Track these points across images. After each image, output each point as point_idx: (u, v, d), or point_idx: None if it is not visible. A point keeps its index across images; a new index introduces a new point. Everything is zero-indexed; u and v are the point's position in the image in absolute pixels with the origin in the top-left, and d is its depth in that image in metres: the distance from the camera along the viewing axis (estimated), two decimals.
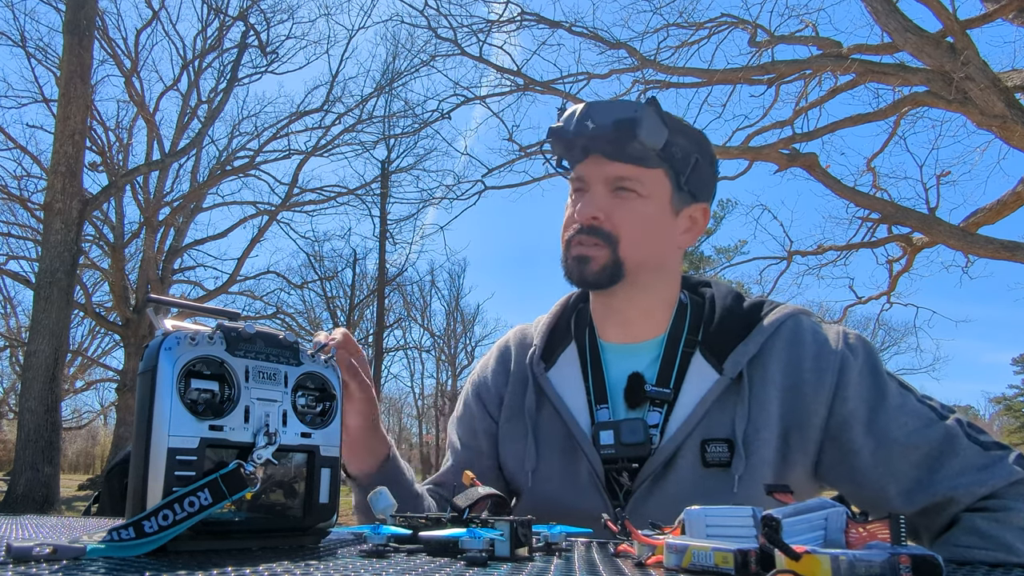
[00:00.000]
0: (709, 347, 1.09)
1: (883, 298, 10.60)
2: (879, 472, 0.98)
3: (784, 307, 1.12)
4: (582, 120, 1.07)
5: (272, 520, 0.64)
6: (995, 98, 6.68)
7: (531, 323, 1.31)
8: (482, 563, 0.54)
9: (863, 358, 1.04)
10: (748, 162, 9.28)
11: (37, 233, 13.91)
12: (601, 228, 1.08)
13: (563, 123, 1.10)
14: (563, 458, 1.11)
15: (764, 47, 8.93)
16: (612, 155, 1.07)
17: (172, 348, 0.60)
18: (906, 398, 1.01)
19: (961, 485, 0.93)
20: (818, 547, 0.43)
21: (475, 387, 1.28)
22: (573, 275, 1.11)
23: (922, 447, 0.97)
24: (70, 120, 9.16)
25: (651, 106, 1.05)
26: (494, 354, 1.30)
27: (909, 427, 0.98)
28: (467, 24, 10.83)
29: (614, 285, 1.09)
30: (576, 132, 1.07)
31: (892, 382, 1.03)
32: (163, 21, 15.60)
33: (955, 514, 0.94)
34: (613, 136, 1.05)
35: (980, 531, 0.90)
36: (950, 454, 0.95)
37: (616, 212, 1.08)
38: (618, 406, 1.11)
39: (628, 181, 1.08)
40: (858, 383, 1.01)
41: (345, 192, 16.72)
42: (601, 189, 1.09)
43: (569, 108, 1.12)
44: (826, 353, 1.04)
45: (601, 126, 1.05)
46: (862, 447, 0.99)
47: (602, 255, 1.08)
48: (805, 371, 1.03)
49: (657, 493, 1.03)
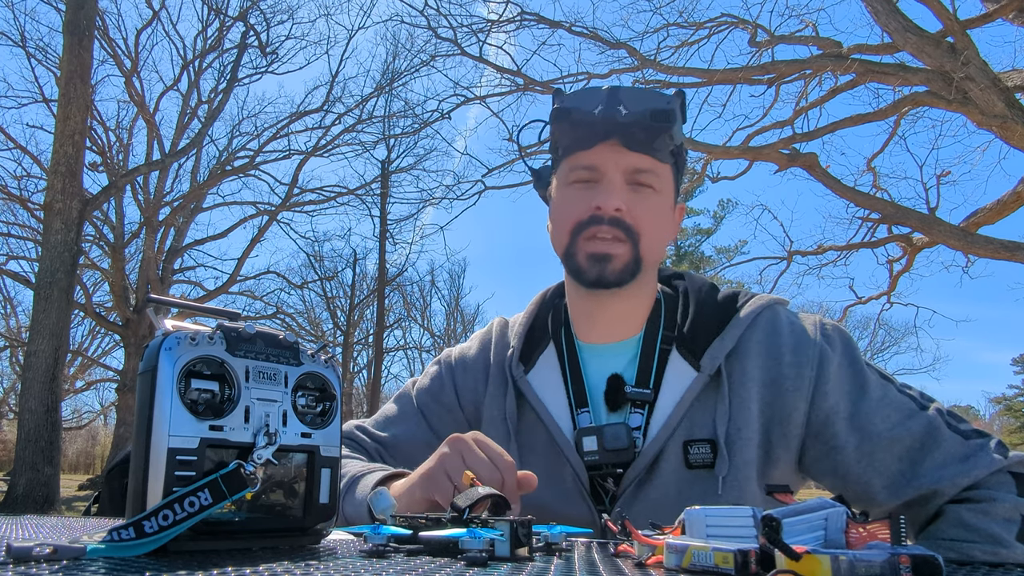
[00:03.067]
0: (685, 344, 1.05)
1: (883, 298, 10.61)
2: (863, 466, 0.97)
3: (759, 298, 1.08)
4: (612, 104, 0.99)
5: (272, 520, 0.64)
6: (995, 98, 6.69)
7: (511, 318, 1.25)
8: (482, 563, 0.54)
9: (841, 350, 1.02)
10: (748, 162, 9.29)
11: (37, 233, 13.90)
12: (623, 221, 1.01)
13: (582, 103, 1.02)
14: (546, 464, 1.06)
15: (764, 47, 8.93)
16: (635, 145, 1.00)
17: (172, 348, 0.60)
18: (887, 389, 0.99)
19: (945, 477, 0.92)
20: (818, 547, 0.43)
21: (451, 369, 1.23)
22: (589, 274, 1.03)
23: (905, 440, 0.96)
24: (70, 120, 9.15)
25: (679, 98, 1.02)
26: (475, 345, 1.24)
27: (892, 420, 0.97)
28: (467, 24, 10.84)
29: (628, 284, 1.04)
30: (605, 116, 1.00)
31: (872, 373, 1.01)
32: (163, 21, 15.58)
33: (939, 506, 0.94)
34: (647, 126, 0.98)
35: (966, 523, 0.89)
36: (932, 446, 0.95)
37: (635, 205, 1.02)
38: (599, 409, 1.07)
39: (646, 174, 1.02)
40: (838, 376, 1.00)
41: (345, 192, 16.73)
42: (618, 179, 1.02)
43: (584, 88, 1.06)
44: (804, 346, 1.01)
45: (635, 113, 0.99)
46: (846, 442, 0.97)
47: (624, 252, 1.02)
48: (784, 365, 1.01)
49: (642, 497, 1.00)
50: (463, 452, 0.84)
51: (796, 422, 1.00)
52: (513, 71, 10.65)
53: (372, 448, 1.20)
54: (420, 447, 1.13)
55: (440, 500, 0.83)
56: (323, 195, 16.66)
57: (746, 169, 9.62)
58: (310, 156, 16.00)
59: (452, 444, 0.86)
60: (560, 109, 1.05)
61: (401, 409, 1.24)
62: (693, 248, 27.22)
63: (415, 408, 1.22)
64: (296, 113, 15.81)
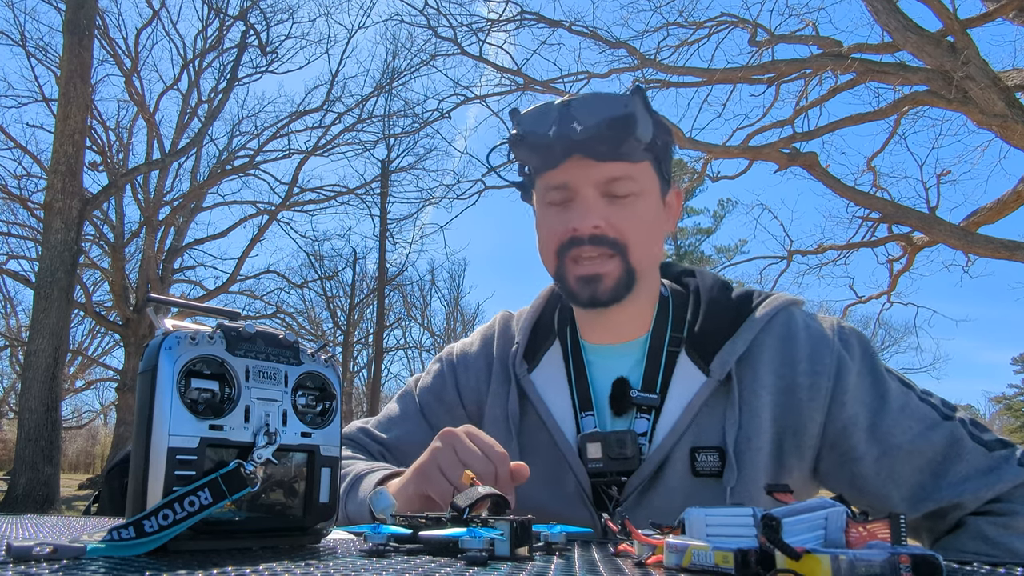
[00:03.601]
0: (694, 346, 1.01)
1: (883, 297, 10.61)
2: (882, 478, 0.94)
3: (775, 298, 1.04)
4: (565, 122, 0.94)
5: (272, 520, 0.64)
6: (995, 97, 6.68)
7: (516, 312, 1.22)
8: (482, 563, 0.54)
9: (860, 356, 0.98)
10: (748, 161, 9.29)
11: (37, 233, 13.90)
12: (606, 236, 0.97)
13: (535, 125, 0.98)
14: (548, 468, 1.03)
15: (764, 46, 8.92)
16: (601, 156, 0.96)
17: (172, 348, 0.60)
18: (908, 398, 0.96)
19: (967, 490, 0.90)
20: (818, 547, 0.43)
21: (452, 367, 1.20)
22: (582, 297, 1.00)
23: (926, 452, 0.92)
24: (70, 120, 9.15)
25: (638, 95, 0.97)
26: (477, 341, 1.21)
27: (913, 431, 0.93)
28: (467, 23, 10.84)
29: (624, 299, 1.00)
30: (559, 135, 0.95)
31: (892, 380, 0.97)
32: (163, 21, 15.62)
33: (960, 518, 0.92)
34: (606, 136, 0.94)
35: (987, 537, 0.87)
36: (955, 458, 0.92)
37: (616, 217, 0.98)
38: (604, 413, 1.04)
39: (621, 181, 0.98)
40: (857, 386, 0.96)
41: (345, 192, 16.73)
42: (592, 193, 0.98)
43: (535, 106, 1.00)
44: (821, 353, 0.97)
45: (591, 127, 0.94)
46: (864, 454, 0.94)
47: (613, 267, 0.98)
48: (799, 373, 0.97)
49: (646, 504, 0.97)
50: (455, 446, 0.84)
51: (811, 433, 0.96)
52: (513, 70, 10.65)
53: (376, 450, 1.20)
54: (422, 447, 1.12)
55: (434, 495, 0.82)
56: (323, 195, 16.67)
57: (746, 168, 9.63)
58: (310, 155, 16.00)
59: (444, 438, 0.85)
60: (515, 136, 1.01)
61: (403, 409, 1.22)
62: (693, 248, 27.22)
63: (417, 408, 1.21)
64: (296, 112, 15.82)
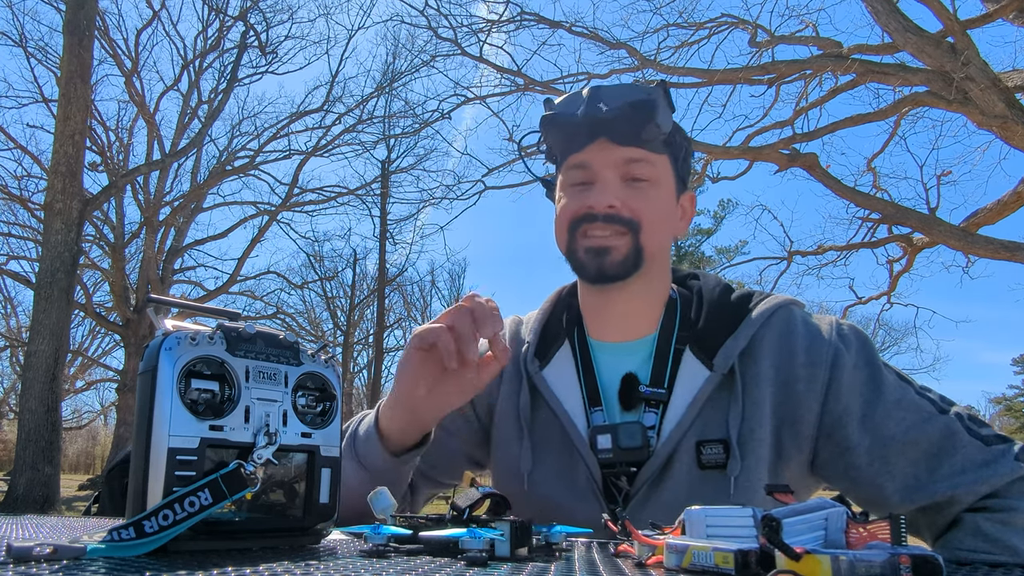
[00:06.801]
0: (698, 343, 1.04)
1: (883, 298, 10.62)
2: (875, 469, 0.95)
3: (774, 298, 1.07)
4: (593, 103, 1.01)
5: (272, 520, 0.64)
6: (995, 98, 6.69)
7: (525, 316, 1.25)
8: (482, 563, 0.54)
9: (857, 350, 1.00)
10: (748, 162, 9.29)
11: (37, 233, 13.92)
12: (620, 215, 1.02)
13: (565, 107, 1.04)
14: (559, 461, 1.06)
15: (764, 47, 8.93)
16: (623, 139, 1.01)
17: (172, 348, 0.60)
18: (905, 391, 0.97)
19: (962, 484, 0.90)
20: (818, 547, 0.43)
21: None
22: (589, 269, 1.04)
23: (921, 444, 0.94)
24: (70, 120, 9.16)
25: (661, 88, 1.02)
26: None
27: (907, 422, 0.94)
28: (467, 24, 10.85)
29: (631, 276, 1.04)
30: (587, 115, 1.01)
31: (889, 374, 0.99)
32: (163, 21, 15.65)
33: (957, 513, 0.92)
34: (630, 118, 1.00)
35: (985, 534, 0.87)
36: (950, 451, 0.92)
37: (633, 198, 1.03)
38: (612, 408, 1.07)
39: (639, 164, 1.03)
40: (852, 377, 0.98)
41: (345, 192, 16.76)
42: (612, 175, 1.03)
43: (568, 94, 1.07)
44: (818, 346, 1.00)
45: (616, 108, 1.00)
46: (857, 444, 0.96)
47: (623, 243, 1.02)
48: (797, 365, 1.00)
49: (654, 497, 1.00)
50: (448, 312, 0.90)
51: (808, 423, 0.98)
52: (513, 71, 10.66)
53: None
54: (433, 446, 1.13)
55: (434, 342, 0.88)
56: (323, 195, 16.70)
57: (746, 169, 9.63)
58: (310, 156, 16.02)
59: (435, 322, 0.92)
60: (546, 117, 1.07)
61: None
62: (693, 248, 27.23)
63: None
64: (296, 113, 15.85)
